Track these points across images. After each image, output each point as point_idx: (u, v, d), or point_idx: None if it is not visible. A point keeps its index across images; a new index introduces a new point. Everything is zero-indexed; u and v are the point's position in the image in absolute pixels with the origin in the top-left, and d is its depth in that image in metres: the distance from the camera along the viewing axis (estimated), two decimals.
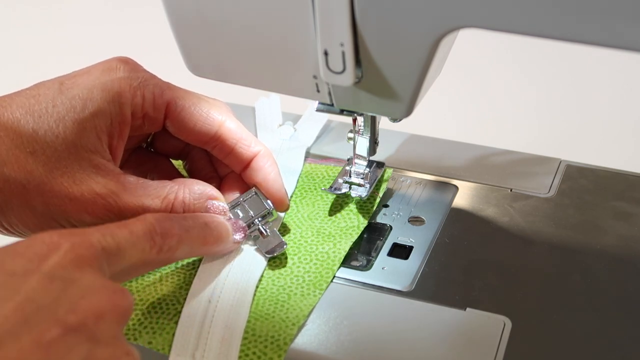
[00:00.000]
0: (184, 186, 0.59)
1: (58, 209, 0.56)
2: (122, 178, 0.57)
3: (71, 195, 0.55)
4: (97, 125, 0.56)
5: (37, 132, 0.55)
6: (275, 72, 0.56)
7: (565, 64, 1.15)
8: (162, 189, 0.58)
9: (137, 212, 0.56)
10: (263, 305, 0.57)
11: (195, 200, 0.59)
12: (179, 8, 0.55)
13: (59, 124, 0.55)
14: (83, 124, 0.56)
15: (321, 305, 0.57)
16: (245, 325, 0.55)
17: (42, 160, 0.55)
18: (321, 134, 0.75)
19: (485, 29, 0.47)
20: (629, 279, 0.59)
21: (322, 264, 0.60)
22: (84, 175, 0.56)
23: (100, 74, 0.58)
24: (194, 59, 0.58)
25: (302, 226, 0.63)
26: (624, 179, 0.69)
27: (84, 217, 0.56)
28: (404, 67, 0.52)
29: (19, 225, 0.57)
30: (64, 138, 0.55)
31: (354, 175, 0.65)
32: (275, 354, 0.53)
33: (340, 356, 0.54)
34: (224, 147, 0.62)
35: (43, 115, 0.55)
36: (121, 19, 1.30)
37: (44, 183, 0.55)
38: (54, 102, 0.56)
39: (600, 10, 0.44)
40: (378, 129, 0.64)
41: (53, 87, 0.57)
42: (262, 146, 0.63)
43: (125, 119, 0.58)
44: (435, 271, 0.60)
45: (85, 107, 0.56)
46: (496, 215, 0.65)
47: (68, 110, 0.56)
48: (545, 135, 1.03)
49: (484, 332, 0.55)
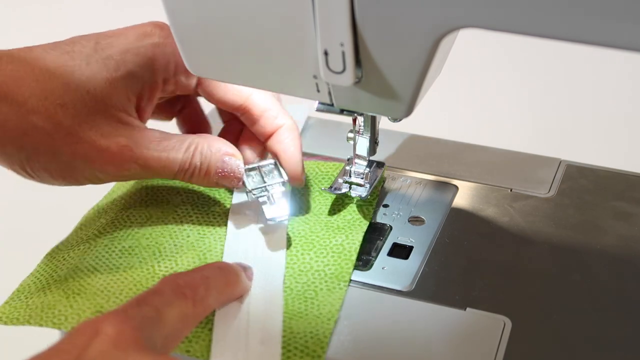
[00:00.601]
0: (205, 140, 0.61)
1: (83, 159, 0.58)
2: (148, 132, 0.59)
3: (99, 147, 0.57)
4: (128, 88, 0.59)
5: (68, 86, 0.57)
6: (275, 72, 0.56)
7: (565, 64, 1.15)
8: (184, 141, 0.60)
9: (161, 162, 0.59)
10: (293, 304, 0.57)
11: (213, 153, 0.61)
12: (179, 8, 0.55)
13: (91, 81, 0.58)
14: (114, 85, 0.58)
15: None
16: (282, 325, 0.55)
17: (71, 113, 0.57)
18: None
19: (485, 29, 0.47)
20: (629, 279, 0.59)
21: (339, 255, 0.60)
22: (111, 129, 0.58)
23: (135, 38, 0.59)
24: (194, 59, 0.58)
25: (310, 222, 0.63)
26: (624, 179, 0.69)
27: (108, 169, 0.58)
28: (404, 67, 0.52)
29: (42, 171, 0.58)
30: (94, 95, 0.58)
31: (354, 175, 0.65)
32: (318, 346, 0.54)
33: (340, 356, 0.54)
34: (251, 117, 0.64)
35: (76, 72, 0.57)
36: (121, 19, 1.30)
37: (71, 134, 0.57)
38: (88, 60, 0.58)
39: (600, 10, 0.44)
40: (378, 129, 0.64)
41: (88, 45, 0.59)
42: (288, 119, 0.64)
43: (156, 84, 0.60)
44: (435, 271, 0.60)
45: (117, 69, 0.58)
46: (496, 215, 0.65)
47: (101, 70, 0.58)
48: (545, 135, 1.03)
49: (484, 332, 0.55)
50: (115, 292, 0.57)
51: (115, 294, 0.57)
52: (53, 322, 0.55)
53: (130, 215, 0.63)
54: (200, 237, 0.62)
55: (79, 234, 0.64)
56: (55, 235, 0.66)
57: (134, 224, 0.63)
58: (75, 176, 0.58)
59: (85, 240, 0.62)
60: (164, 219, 0.63)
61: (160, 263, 0.59)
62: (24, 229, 1.02)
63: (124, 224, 0.63)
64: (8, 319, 0.56)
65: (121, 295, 0.57)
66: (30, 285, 0.59)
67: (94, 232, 0.62)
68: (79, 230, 0.64)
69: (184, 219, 0.63)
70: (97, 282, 0.58)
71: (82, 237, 0.62)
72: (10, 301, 0.58)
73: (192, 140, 0.60)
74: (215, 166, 0.61)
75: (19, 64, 0.57)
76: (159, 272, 0.59)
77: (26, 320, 0.55)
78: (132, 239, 0.61)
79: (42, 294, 0.57)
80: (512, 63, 1.17)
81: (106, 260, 0.59)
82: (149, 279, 0.58)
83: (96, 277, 0.58)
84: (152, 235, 0.62)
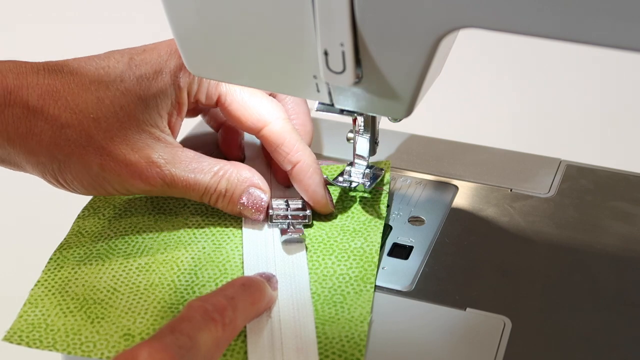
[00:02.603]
0: (234, 168, 0.62)
1: (113, 172, 0.60)
2: (179, 151, 0.61)
3: (127, 161, 0.60)
4: (159, 105, 0.61)
5: (102, 101, 0.59)
6: (275, 72, 0.56)
7: (565, 64, 1.15)
8: (214, 165, 0.62)
9: (188, 183, 0.61)
10: (323, 310, 0.57)
11: (240, 182, 0.62)
12: (179, 8, 0.55)
13: (125, 97, 0.60)
14: (147, 102, 0.60)
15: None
16: (315, 331, 0.55)
17: (104, 127, 0.59)
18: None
19: (485, 29, 0.47)
20: (629, 279, 0.59)
21: (360, 258, 0.60)
22: (143, 144, 0.60)
23: (167, 56, 0.61)
24: (194, 59, 0.58)
25: (325, 227, 0.63)
26: (624, 179, 0.69)
27: (137, 183, 0.60)
28: (404, 67, 0.52)
29: (75, 182, 0.60)
30: (127, 111, 0.60)
31: (354, 175, 0.65)
32: (356, 349, 0.54)
33: None
34: (268, 147, 0.65)
35: (110, 87, 0.60)
36: (121, 19, 1.30)
37: (103, 147, 0.59)
38: (122, 76, 0.60)
39: (601, 10, 0.44)
40: (378, 129, 0.64)
41: (122, 61, 0.61)
42: (304, 155, 0.64)
43: (183, 101, 0.62)
44: (435, 271, 0.60)
45: (150, 86, 0.60)
46: (496, 215, 0.65)
47: (134, 86, 0.60)
48: (545, 135, 1.03)
49: (484, 332, 0.55)
50: (140, 312, 0.57)
51: (141, 314, 0.57)
52: (82, 350, 0.55)
53: (141, 231, 0.63)
54: (217, 247, 0.62)
55: (81, 240, 0.63)
56: (45, 228, 0.66)
57: (146, 240, 0.63)
58: (105, 187, 0.60)
59: (97, 255, 0.62)
60: (176, 232, 0.63)
61: (180, 277, 0.59)
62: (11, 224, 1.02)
63: (136, 240, 0.62)
64: (30, 340, 0.56)
65: (147, 315, 0.57)
66: (44, 299, 0.58)
67: (105, 247, 0.62)
68: (80, 236, 0.63)
69: (197, 230, 0.63)
70: (119, 303, 0.58)
71: (91, 250, 0.62)
72: (25, 316, 0.57)
73: (222, 167, 0.62)
74: (240, 195, 0.62)
75: (56, 77, 0.59)
76: (180, 287, 0.59)
77: (51, 345, 0.55)
78: (147, 255, 0.61)
79: (62, 314, 0.57)
80: (512, 63, 1.17)
81: (124, 280, 0.59)
82: (171, 295, 0.58)
83: (117, 297, 0.58)
84: (167, 250, 0.62)
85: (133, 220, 0.64)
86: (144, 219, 0.64)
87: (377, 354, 0.54)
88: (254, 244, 0.62)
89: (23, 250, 1.12)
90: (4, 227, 1.07)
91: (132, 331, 0.56)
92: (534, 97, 1.10)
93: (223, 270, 0.60)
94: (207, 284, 0.59)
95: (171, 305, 0.57)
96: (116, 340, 0.55)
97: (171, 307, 0.57)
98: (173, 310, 0.57)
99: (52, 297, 0.58)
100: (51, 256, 0.62)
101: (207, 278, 0.59)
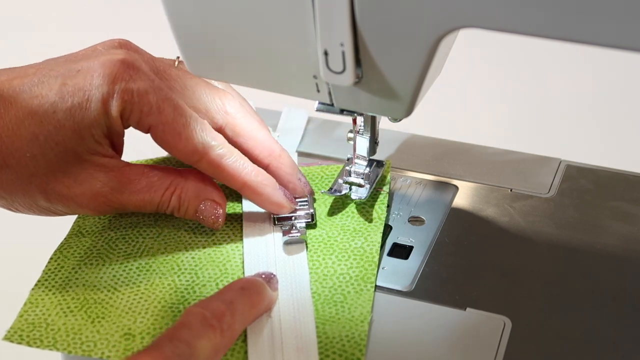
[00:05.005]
0: (186, 183, 0.60)
1: (60, 204, 0.59)
2: (126, 170, 0.59)
3: (72, 195, 0.58)
4: (95, 134, 0.58)
5: (37, 137, 0.57)
6: (275, 72, 0.56)
7: (565, 64, 1.15)
8: (165, 180, 0.60)
9: (137, 204, 0.60)
10: (323, 309, 0.57)
11: (191, 199, 0.61)
12: (179, 8, 0.55)
13: (59, 133, 0.57)
14: (81, 134, 0.57)
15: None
16: (316, 331, 0.55)
17: (43, 165, 0.57)
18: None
19: (485, 29, 0.47)
20: (629, 279, 0.59)
21: (360, 258, 0.60)
22: (86, 175, 0.58)
23: (99, 81, 0.57)
24: (194, 59, 0.58)
25: (325, 226, 0.63)
26: (624, 179, 0.69)
27: (86, 211, 0.60)
28: (404, 67, 0.52)
29: (25, 211, 0.60)
30: (64, 146, 0.57)
31: (353, 175, 0.65)
32: (356, 349, 0.54)
33: None
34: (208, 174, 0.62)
35: (44, 122, 0.57)
36: (121, 19, 1.30)
37: (45, 183, 0.58)
38: (54, 107, 0.57)
39: (600, 10, 0.44)
40: (378, 129, 0.64)
41: (55, 88, 0.57)
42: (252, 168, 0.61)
43: (117, 128, 0.59)
44: (435, 271, 0.60)
45: (83, 117, 0.57)
46: (496, 215, 0.65)
47: (67, 120, 0.57)
48: (545, 135, 1.03)
49: (484, 332, 0.55)
50: (141, 311, 0.57)
51: (141, 313, 0.57)
52: (82, 349, 0.55)
53: (142, 231, 0.63)
54: (217, 247, 0.62)
55: (81, 240, 0.63)
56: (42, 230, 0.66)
57: (146, 239, 0.63)
58: (59, 214, 0.60)
59: (97, 255, 0.62)
60: (176, 232, 0.63)
61: (180, 277, 0.59)
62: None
63: (136, 240, 0.63)
64: (30, 339, 0.56)
65: (147, 315, 0.57)
66: (44, 299, 0.58)
67: (105, 246, 0.62)
68: (80, 236, 0.64)
69: (197, 230, 0.63)
70: (119, 302, 0.58)
71: (91, 250, 0.62)
72: (26, 315, 0.57)
73: (173, 181, 0.60)
74: (194, 210, 0.61)
75: None
76: (180, 286, 0.59)
77: (51, 344, 0.55)
78: (148, 255, 0.61)
79: (63, 314, 0.57)
80: (512, 63, 1.17)
81: (125, 279, 0.59)
82: (172, 295, 0.58)
83: (117, 297, 0.58)
84: (167, 250, 0.62)
85: (133, 220, 0.64)
86: (144, 219, 0.64)
87: (377, 354, 0.54)
88: (254, 243, 0.62)
89: (23, 250, 1.12)
90: (4, 227, 1.07)
91: (132, 331, 0.56)
92: (534, 97, 1.10)
93: (223, 270, 0.60)
94: (207, 283, 0.59)
95: (171, 305, 0.57)
96: (116, 340, 0.55)
97: (171, 307, 0.57)
98: (173, 309, 0.57)
99: (52, 296, 0.59)
100: (51, 256, 0.62)
101: (208, 278, 0.59)
